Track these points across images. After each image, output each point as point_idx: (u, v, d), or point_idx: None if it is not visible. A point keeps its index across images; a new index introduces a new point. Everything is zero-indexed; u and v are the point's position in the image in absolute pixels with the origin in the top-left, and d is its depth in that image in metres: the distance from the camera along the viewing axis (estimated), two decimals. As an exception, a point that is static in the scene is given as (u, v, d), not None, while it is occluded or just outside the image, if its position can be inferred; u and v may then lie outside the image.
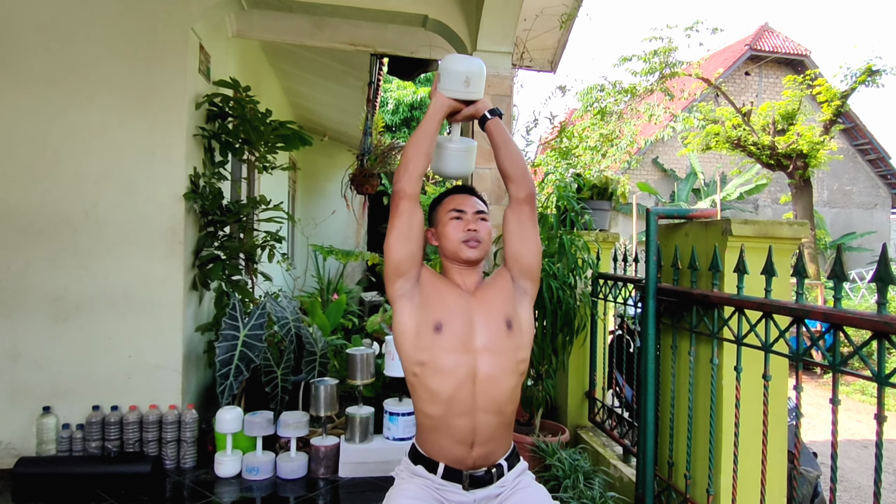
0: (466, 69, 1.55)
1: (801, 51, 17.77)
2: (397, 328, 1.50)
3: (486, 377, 1.42)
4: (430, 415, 1.43)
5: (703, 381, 2.03)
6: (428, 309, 1.47)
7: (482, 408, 1.42)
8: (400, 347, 1.49)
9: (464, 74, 1.55)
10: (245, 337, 2.92)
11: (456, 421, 1.41)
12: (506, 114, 3.29)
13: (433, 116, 1.55)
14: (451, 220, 1.55)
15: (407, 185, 1.48)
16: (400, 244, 1.47)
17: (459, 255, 1.52)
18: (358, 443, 3.02)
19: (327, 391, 2.98)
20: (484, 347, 1.43)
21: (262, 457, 2.94)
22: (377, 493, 2.83)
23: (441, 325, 1.44)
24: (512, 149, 1.58)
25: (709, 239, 2.03)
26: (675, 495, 2.13)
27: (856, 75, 7.88)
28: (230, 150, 3.35)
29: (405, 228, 1.48)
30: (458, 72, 1.55)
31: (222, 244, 3.33)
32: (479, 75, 1.58)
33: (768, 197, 17.15)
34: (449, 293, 1.51)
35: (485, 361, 1.42)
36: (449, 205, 1.58)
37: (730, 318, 1.83)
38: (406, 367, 1.48)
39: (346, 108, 5.90)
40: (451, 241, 1.53)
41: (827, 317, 1.41)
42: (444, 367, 1.42)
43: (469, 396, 1.41)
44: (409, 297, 1.49)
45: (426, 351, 1.44)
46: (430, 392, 1.42)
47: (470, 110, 1.61)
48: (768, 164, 8.55)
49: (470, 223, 1.54)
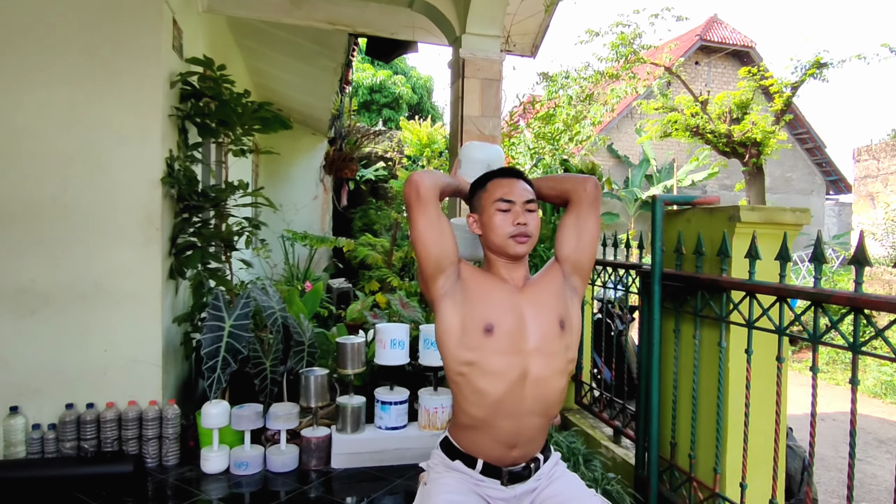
0: (486, 156, 1.63)
1: (747, 42, 18.46)
2: (441, 327, 1.43)
3: (536, 379, 1.37)
4: (474, 415, 1.39)
5: (707, 364, 2.08)
6: (473, 306, 1.41)
7: (529, 410, 1.38)
8: (444, 345, 1.42)
9: (484, 161, 1.63)
10: (231, 328, 2.80)
11: (501, 423, 1.37)
12: (495, 98, 3.26)
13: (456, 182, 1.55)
14: (498, 212, 1.45)
15: (427, 178, 1.42)
16: (436, 238, 1.40)
17: (507, 250, 1.45)
18: (350, 433, 2.96)
19: (318, 381, 2.90)
20: (536, 349, 1.38)
21: (250, 451, 2.85)
22: (372, 484, 2.80)
23: (492, 327, 1.37)
24: (548, 181, 1.57)
25: (714, 225, 2.07)
26: (678, 475, 2.18)
27: (805, 68, 8.24)
28: (207, 132, 3.18)
29: (436, 221, 1.41)
30: (478, 160, 1.63)
31: (199, 231, 3.18)
32: (499, 162, 1.66)
33: (716, 184, 17.85)
34: (496, 289, 1.44)
35: (536, 363, 1.37)
36: (495, 192, 1.47)
37: (740, 303, 1.87)
38: (450, 366, 1.41)
39: (315, 89, 5.72)
40: (499, 234, 1.44)
41: (850, 300, 1.46)
42: (494, 369, 1.36)
43: (518, 399, 1.36)
44: (451, 295, 1.42)
45: (475, 351, 1.37)
46: (477, 393, 1.37)
47: None
48: (724, 152, 8.87)
49: (519, 215, 1.44)
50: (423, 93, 16.98)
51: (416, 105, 16.23)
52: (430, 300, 1.46)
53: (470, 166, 1.61)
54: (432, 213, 1.41)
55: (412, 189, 1.40)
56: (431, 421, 3.06)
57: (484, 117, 3.24)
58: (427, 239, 1.40)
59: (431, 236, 1.40)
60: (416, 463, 3.01)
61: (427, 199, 1.40)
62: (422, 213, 1.40)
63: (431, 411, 3.05)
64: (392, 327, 3.06)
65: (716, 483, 1.97)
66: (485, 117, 3.24)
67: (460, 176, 1.60)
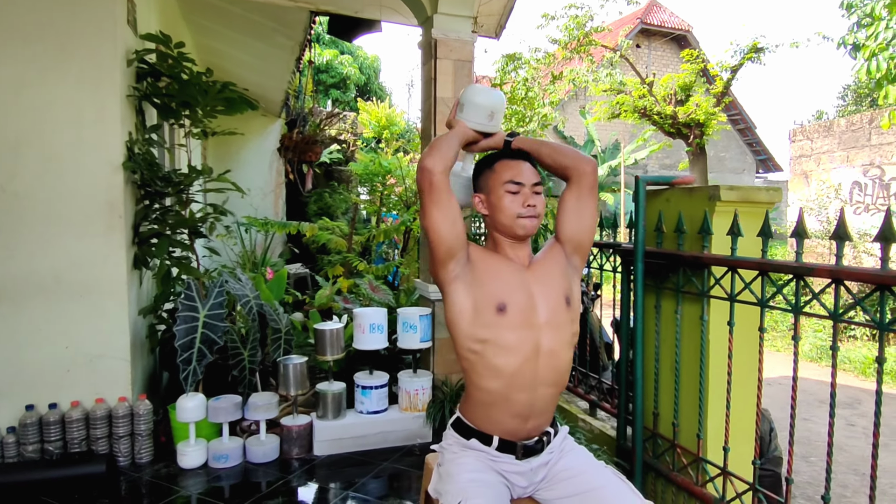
0: (491, 103, 1.55)
1: (684, 27, 19.10)
2: (453, 309, 1.44)
3: (548, 351, 1.42)
4: (490, 390, 1.41)
5: (688, 337, 2.18)
6: (484, 287, 1.43)
7: (543, 381, 1.42)
8: (456, 327, 1.44)
9: (489, 108, 1.54)
10: (205, 318, 2.70)
11: (517, 396, 1.40)
12: (467, 79, 3.24)
13: (456, 135, 1.51)
14: (507, 193, 1.47)
15: (438, 164, 1.41)
16: (448, 223, 1.41)
17: (515, 230, 1.47)
18: (332, 419, 2.94)
19: (297, 369, 2.86)
20: (546, 323, 1.42)
21: (229, 443, 2.78)
22: (357, 469, 2.79)
23: (505, 306, 1.40)
24: (549, 147, 1.56)
25: (694, 204, 2.16)
26: (661, 442, 2.30)
27: (744, 52, 8.63)
28: (168, 113, 3.02)
29: (447, 205, 1.41)
30: (482, 105, 1.54)
31: (162, 218, 3.03)
32: (502, 109, 1.58)
33: (657, 163, 18.53)
34: (504, 269, 1.47)
35: (547, 337, 1.42)
36: (504, 173, 1.49)
37: (721, 277, 1.97)
38: (462, 344, 1.43)
39: (269, 69, 5.50)
40: (507, 215, 1.47)
41: (832, 273, 1.57)
42: (509, 345, 1.39)
43: (532, 371, 1.40)
44: (462, 277, 1.44)
45: (489, 328, 1.40)
46: (492, 369, 1.40)
47: (489, 142, 1.59)
48: (670, 133, 9.20)
49: (528, 198, 1.47)
50: (371, 73, 16.66)
51: (364, 86, 15.92)
52: (440, 282, 1.47)
53: (472, 111, 1.55)
54: (444, 200, 1.41)
55: (425, 179, 1.41)
56: (413, 403, 3.07)
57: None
58: (440, 226, 1.41)
59: (444, 224, 1.41)
60: (399, 445, 3.03)
61: (439, 187, 1.40)
62: (434, 202, 1.40)
63: (412, 393, 3.07)
64: (371, 312, 3.04)
65: (699, 448, 2.08)
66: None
67: (460, 121, 1.55)
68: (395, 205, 5.50)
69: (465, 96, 1.59)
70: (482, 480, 1.38)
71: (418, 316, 3.05)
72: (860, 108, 21.50)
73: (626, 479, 1.44)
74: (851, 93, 22.45)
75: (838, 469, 3.33)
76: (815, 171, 7.04)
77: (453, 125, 1.56)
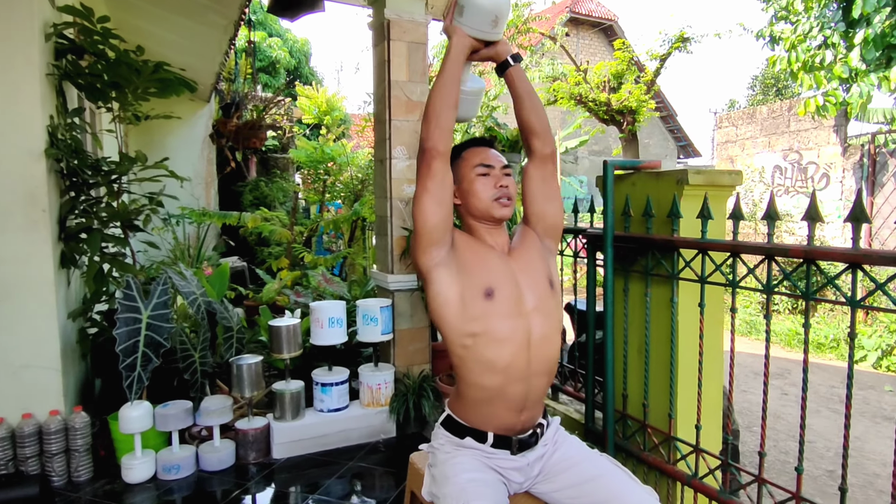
0: (495, 6, 1.37)
1: (610, 16, 19.69)
2: (437, 300, 1.37)
3: (539, 339, 1.37)
4: (486, 385, 1.35)
5: (657, 319, 2.21)
6: (470, 275, 1.37)
7: (536, 371, 1.38)
8: (443, 320, 1.37)
9: (492, 12, 1.37)
10: (149, 319, 2.48)
11: (512, 388, 1.35)
12: (422, 62, 3.14)
13: (457, 59, 1.40)
14: (479, 177, 1.44)
15: (439, 142, 1.34)
16: (436, 208, 1.34)
17: (492, 213, 1.43)
18: (290, 420, 2.80)
19: (251, 370, 2.69)
20: (534, 309, 1.38)
21: (180, 452, 2.58)
22: (321, 470, 2.68)
23: (492, 291, 1.35)
24: (536, 100, 1.50)
25: (662, 188, 2.18)
26: (631, 423, 2.33)
27: (671, 41, 8.98)
28: (95, 95, 2.73)
29: (439, 190, 1.35)
30: (486, 9, 1.37)
31: (91, 211, 2.75)
32: (507, 14, 1.43)
33: (586, 150, 19.08)
34: (488, 255, 1.42)
35: (537, 323, 1.37)
36: (473, 159, 1.46)
37: (692, 260, 2.00)
38: (453, 339, 1.36)
39: (199, 49, 5.13)
40: (482, 199, 1.43)
41: (806, 253, 1.61)
42: (501, 335, 1.34)
43: (525, 362, 1.35)
44: (445, 264, 1.38)
45: (479, 320, 1.34)
46: (485, 363, 1.34)
47: (490, 52, 1.47)
48: (604, 119, 9.46)
49: (500, 179, 1.45)
50: (301, 57, 16.01)
51: (295, 70, 15.30)
52: (422, 269, 1.39)
53: (474, 15, 1.38)
54: (439, 185, 1.35)
55: (425, 161, 1.34)
56: (375, 398, 2.98)
57: (412, 82, 3.11)
58: (429, 212, 1.34)
59: (434, 209, 1.34)
60: (363, 443, 2.93)
61: (438, 172, 1.34)
62: (429, 187, 1.34)
63: (374, 388, 2.97)
64: (329, 305, 2.91)
65: (670, 427, 2.12)
66: (412, 82, 3.11)
67: (459, 28, 1.40)
68: (341, 193, 5.31)
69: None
70: (481, 480, 1.32)
71: (379, 308, 2.94)
72: (768, 98, 23.05)
73: (623, 466, 1.42)
74: (759, 83, 24.03)
75: (778, 437, 3.54)
76: (740, 155, 7.46)
77: (451, 32, 1.42)
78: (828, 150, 6.34)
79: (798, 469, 1.70)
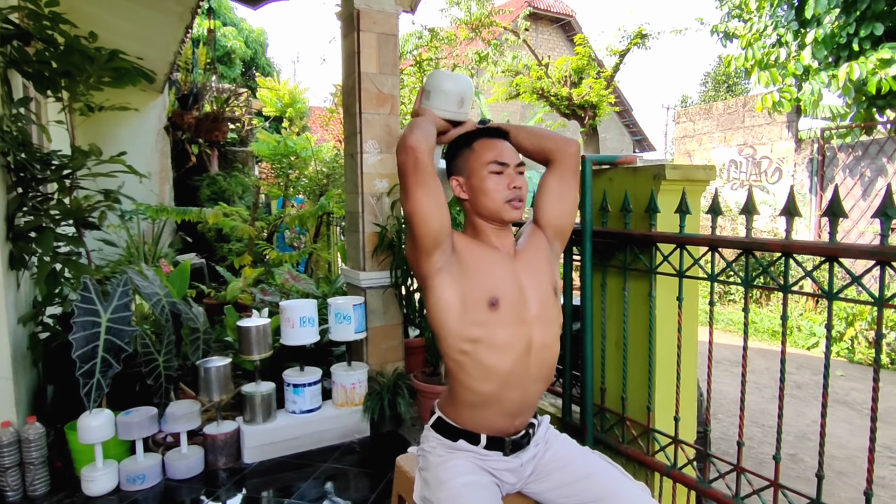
0: (460, 89, 1.47)
1: (568, 11, 19.93)
2: (438, 304, 1.32)
3: (540, 347, 1.34)
4: (482, 391, 1.31)
5: (634, 313, 2.23)
6: (473, 279, 1.32)
7: (534, 378, 1.35)
8: (442, 325, 1.32)
9: (458, 94, 1.47)
10: (109, 322, 2.34)
11: (509, 395, 1.32)
12: (392, 54, 3.07)
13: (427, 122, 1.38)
14: (491, 175, 1.36)
15: (423, 143, 1.28)
16: (436, 209, 1.28)
17: (502, 215, 1.37)
18: (262, 423, 2.71)
19: (220, 372, 2.59)
20: (537, 317, 1.34)
21: (145, 461, 2.46)
22: (294, 473, 2.61)
23: (497, 300, 1.30)
24: (528, 130, 1.50)
25: (639, 183, 2.19)
26: (610, 416, 2.35)
27: (630, 37, 9.13)
28: (44, 84, 2.55)
29: (434, 187, 1.29)
30: (451, 91, 1.47)
31: (41, 208, 2.58)
32: (471, 95, 1.51)
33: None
34: (493, 259, 1.36)
35: (539, 331, 1.34)
36: (486, 153, 1.38)
37: (670, 254, 2.02)
38: (451, 344, 1.31)
39: (152, 38, 4.89)
40: (494, 199, 1.36)
41: (783, 247, 1.65)
42: (502, 343, 1.30)
43: (524, 369, 1.32)
44: (447, 269, 1.32)
45: (480, 326, 1.30)
46: (484, 369, 1.30)
47: (459, 131, 1.49)
48: (566, 114, 9.55)
49: (514, 179, 1.37)
50: (257, 47, 15.56)
51: (251, 60, 14.86)
52: (422, 274, 1.34)
53: (440, 98, 1.46)
54: (431, 181, 1.28)
55: (409, 158, 1.26)
56: (349, 397, 2.92)
57: (382, 74, 3.03)
58: (426, 212, 1.27)
59: (431, 209, 1.28)
60: (337, 444, 2.87)
61: (425, 167, 1.27)
62: (420, 184, 1.27)
63: (349, 387, 2.91)
64: (301, 304, 2.82)
65: (649, 420, 2.15)
66: (383, 74, 3.04)
67: (428, 109, 1.46)
68: (305, 188, 5.17)
69: (430, 83, 1.49)
70: (477, 483, 1.29)
71: (352, 306, 2.88)
72: (719, 94, 23.83)
73: (614, 463, 1.42)
74: (712, 79, 24.84)
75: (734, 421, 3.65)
76: (698, 150, 7.67)
77: (420, 114, 1.44)
78: (780, 145, 6.59)
79: (776, 457, 1.74)
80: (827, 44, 5.15)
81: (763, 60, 5.87)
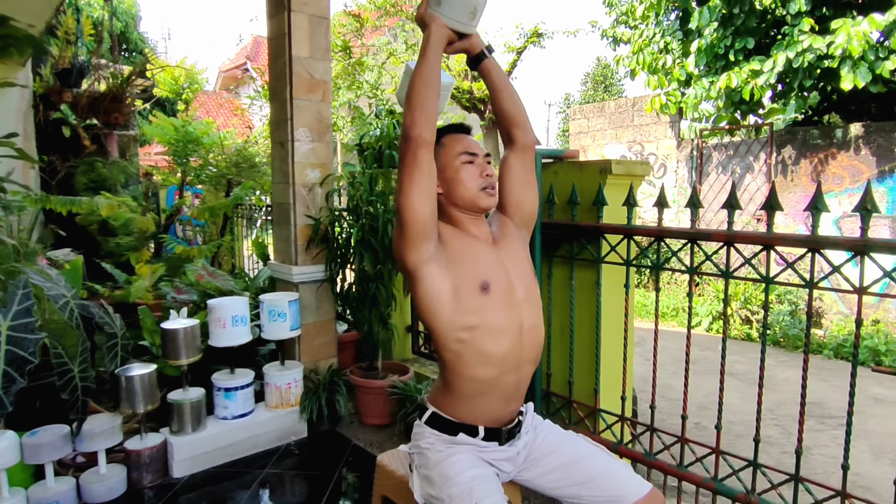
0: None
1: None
2: (429, 295, 1.30)
3: (530, 328, 1.37)
4: (481, 378, 1.32)
5: (581, 301, 2.35)
6: (462, 266, 1.33)
7: (527, 360, 1.38)
8: (436, 315, 1.30)
9: (472, 4, 1.35)
10: (9, 330, 2.02)
11: (505, 378, 1.34)
12: (325, 38, 2.94)
13: (436, 48, 1.34)
14: (464, 165, 1.39)
15: (425, 131, 1.26)
16: (425, 200, 1.27)
17: (478, 203, 1.39)
18: (191, 432, 2.50)
19: (144, 381, 2.34)
20: (524, 299, 1.38)
21: (56, 486, 2.18)
22: (231, 483, 2.46)
23: (488, 285, 1.32)
24: (512, 90, 1.48)
25: (585, 177, 2.30)
26: (556, 400, 2.46)
27: (527, 35, 9.49)
28: None
29: (427, 182, 1.28)
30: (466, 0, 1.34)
31: None
32: (484, 5, 1.40)
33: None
34: (476, 246, 1.38)
35: (527, 313, 1.37)
36: (455, 147, 1.41)
37: (617, 245, 2.15)
38: (446, 334, 1.30)
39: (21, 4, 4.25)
40: (469, 188, 1.38)
41: (727, 237, 1.82)
42: (499, 326, 1.32)
43: (518, 351, 1.35)
44: (436, 259, 1.32)
45: (475, 313, 1.30)
46: (482, 355, 1.31)
47: (464, 45, 1.43)
48: (466, 107, 9.72)
49: (484, 168, 1.41)
50: (128, 20, 14.12)
51: (121, 34, 13.44)
52: (410, 266, 1.32)
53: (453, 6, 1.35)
54: (426, 175, 1.27)
55: (410, 150, 1.25)
56: (285, 398, 2.78)
57: (314, 59, 2.88)
58: (417, 205, 1.27)
59: (422, 202, 1.27)
60: (274, 447, 2.74)
61: (423, 161, 1.26)
62: (415, 177, 1.26)
63: (283, 388, 2.77)
64: (232, 302, 2.63)
65: (596, 401, 2.28)
66: (315, 59, 2.88)
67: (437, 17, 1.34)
68: (211, 178, 4.79)
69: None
70: (484, 475, 1.30)
71: (287, 302, 2.74)
72: (598, 93, 25.50)
73: (598, 444, 1.49)
74: (591, 79, 26.52)
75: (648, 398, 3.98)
76: (592, 146, 8.18)
77: (427, 21, 1.35)
78: (665, 143, 7.24)
79: (717, 426, 1.94)
80: (707, 53, 5.72)
81: (651, 65, 6.39)
